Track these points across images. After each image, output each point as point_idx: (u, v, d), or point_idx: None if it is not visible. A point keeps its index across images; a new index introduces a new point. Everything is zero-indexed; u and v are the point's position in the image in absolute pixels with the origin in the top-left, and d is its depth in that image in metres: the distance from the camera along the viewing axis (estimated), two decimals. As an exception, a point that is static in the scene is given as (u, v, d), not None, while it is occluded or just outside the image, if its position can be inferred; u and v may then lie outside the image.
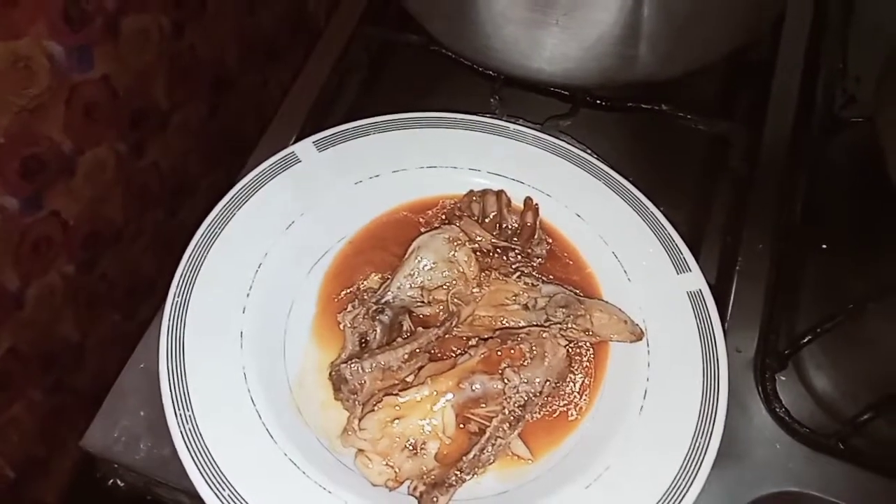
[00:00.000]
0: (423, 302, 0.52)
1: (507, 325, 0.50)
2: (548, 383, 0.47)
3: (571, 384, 0.51)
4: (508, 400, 0.46)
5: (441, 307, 0.52)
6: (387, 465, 0.44)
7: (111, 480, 0.55)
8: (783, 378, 0.59)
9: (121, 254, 0.79)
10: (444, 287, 0.53)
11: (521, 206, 0.60)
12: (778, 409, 0.56)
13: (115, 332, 0.82)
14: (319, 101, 0.68)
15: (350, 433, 0.45)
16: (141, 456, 0.53)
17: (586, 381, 0.52)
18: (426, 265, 0.53)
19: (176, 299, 0.49)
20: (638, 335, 0.52)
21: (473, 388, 0.46)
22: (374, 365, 0.47)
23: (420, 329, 0.50)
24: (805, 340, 0.58)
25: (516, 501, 0.46)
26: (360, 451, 0.45)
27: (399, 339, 0.50)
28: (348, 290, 0.55)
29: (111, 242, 0.77)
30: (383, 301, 0.52)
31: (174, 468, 0.52)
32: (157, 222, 0.84)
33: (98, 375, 0.81)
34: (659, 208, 0.59)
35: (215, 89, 0.84)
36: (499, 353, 0.48)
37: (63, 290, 0.71)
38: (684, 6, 0.56)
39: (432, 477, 0.44)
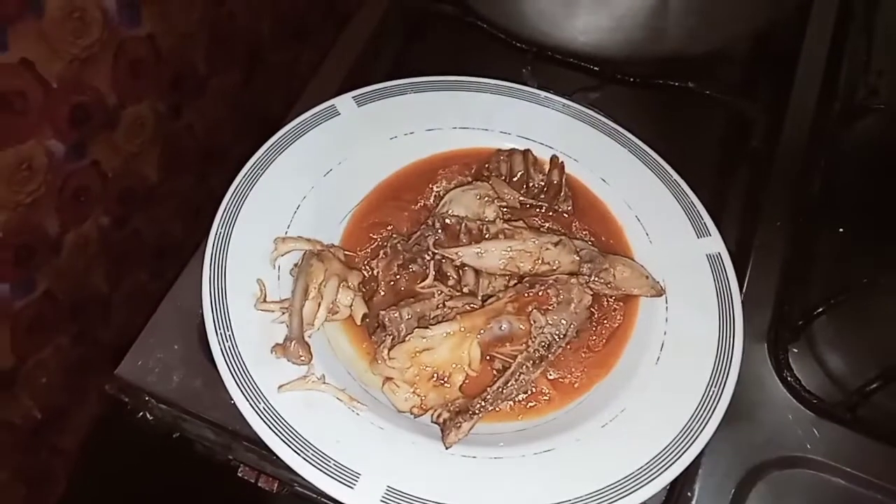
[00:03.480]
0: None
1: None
2: (572, 327, 0.49)
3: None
4: (534, 340, 0.48)
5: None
6: (413, 392, 0.46)
7: (140, 413, 0.57)
8: (795, 350, 0.60)
9: (152, 213, 0.81)
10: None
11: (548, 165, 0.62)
12: (789, 378, 0.58)
13: (141, 291, 0.84)
14: (356, 66, 0.70)
15: (380, 361, 0.47)
16: (173, 387, 0.54)
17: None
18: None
19: (219, 231, 0.52)
20: (658, 290, 0.54)
21: (501, 327, 0.48)
22: (410, 313, 0.49)
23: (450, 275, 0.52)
24: (818, 311, 0.59)
25: (535, 436, 0.47)
26: (388, 378, 0.47)
27: (427, 283, 0.52)
28: (373, 235, 0.57)
29: (144, 200, 0.79)
30: (414, 251, 0.54)
31: (205, 400, 0.54)
32: (188, 186, 0.86)
33: (121, 331, 0.83)
34: (682, 178, 0.61)
35: (250, 60, 0.87)
36: (526, 296, 0.50)
37: (97, 241, 0.74)
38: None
39: (456, 406, 0.46)
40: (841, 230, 0.67)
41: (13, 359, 0.68)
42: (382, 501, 0.42)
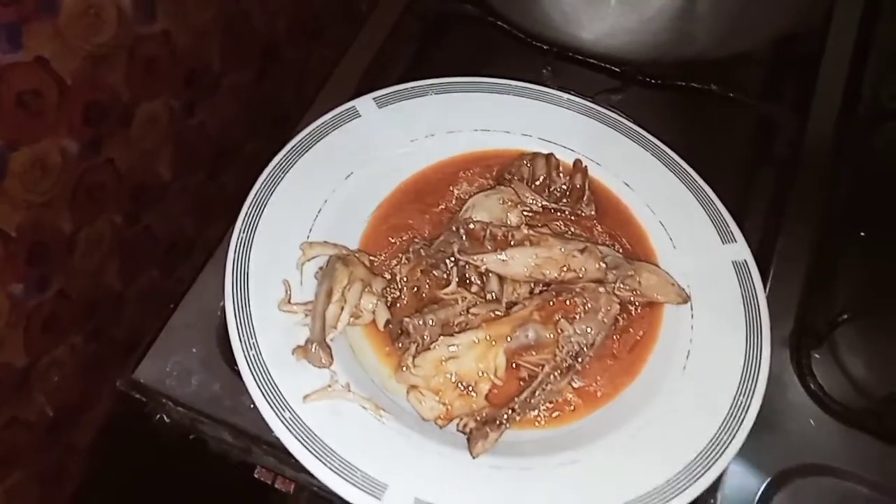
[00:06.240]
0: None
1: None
2: (600, 336, 0.48)
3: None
4: (561, 349, 0.48)
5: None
6: (439, 401, 0.45)
7: (158, 415, 0.56)
8: (818, 357, 0.60)
9: (165, 210, 0.81)
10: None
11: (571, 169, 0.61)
12: (812, 385, 0.57)
13: (152, 288, 0.84)
14: (373, 66, 0.69)
15: (405, 369, 0.46)
16: (192, 389, 0.54)
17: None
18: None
19: (241, 236, 0.51)
20: (684, 298, 0.53)
21: (527, 335, 0.48)
22: (434, 320, 0.48)
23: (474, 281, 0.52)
24: (843, 318, 0.59)
25: (562, 446, 0.47)
26: (414, 386, 0.46)
27: (450, 289, 0.52)
28: (393, 238, 0.57)
29: (157, 198, 0.79)
30: (437, 256, 0.53)
31: (224, 403, 0.53)
32: (200, 183, 0.86)
33: (134, 329, 0.83)
34: (705, 183, 0.61)
35: (263, 58, 0.86)
36: (552, 304, 0.49)
37: (110, 238, 0.73)
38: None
39: (483, 415, 0.45)
40: (863, 234, 0.67)
41: (27, 358, 0.68)
42: (411, 513, 0.41)
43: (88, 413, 0.81)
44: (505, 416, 0.45)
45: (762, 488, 0.52)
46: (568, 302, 0.49)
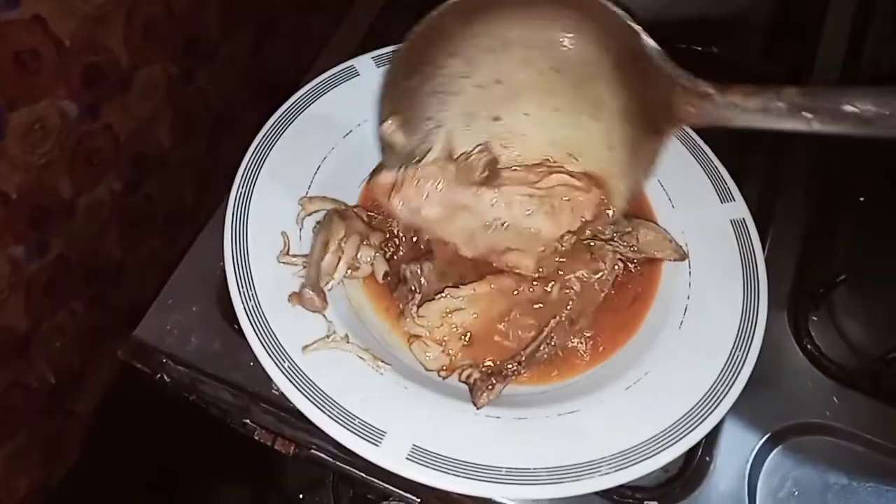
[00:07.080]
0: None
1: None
2: (603, 294, 0.48)
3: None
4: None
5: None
6: (443, 352, 0.46)
7: (158, 375, 0.57)
8: (815, 319, 0.60)
9: (164, 179, 0.81)
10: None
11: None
12: (809, 346, 0.58)
13: (153, 257, 0.84)
14: (373, 29, 0.69)
15: (408, 318, 0.46)
16: (192, 348, 0.54)
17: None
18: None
19: (240, 189, 0.51)
20: (681, 254, 0.54)
21: (531, 289, 0.48)
22: (431, 268, 0.48)
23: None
24: (839, 279, 0.59)
25: (559, 398, 0.47)
26: (417, 336, 0.47)
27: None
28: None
29: (157, 166, 0.79)
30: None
31: (224, 361, 0.54)
32: (199, 153, 0.86)
33: (134, 297, 0.83)
34: (703, 145, 0.60)
35: (261, 27, 0.86)
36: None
37: (110, 205, 0.73)
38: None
39: (487, 367, 0.46)
40: (862, 199, 0.67)
41: (28, 322, 0.68)
42: (409, 459, 0.42)
43: (89, 381, 0.81)
44: (511, 369, 0.45)
45: (758, 446, 0.53)
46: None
